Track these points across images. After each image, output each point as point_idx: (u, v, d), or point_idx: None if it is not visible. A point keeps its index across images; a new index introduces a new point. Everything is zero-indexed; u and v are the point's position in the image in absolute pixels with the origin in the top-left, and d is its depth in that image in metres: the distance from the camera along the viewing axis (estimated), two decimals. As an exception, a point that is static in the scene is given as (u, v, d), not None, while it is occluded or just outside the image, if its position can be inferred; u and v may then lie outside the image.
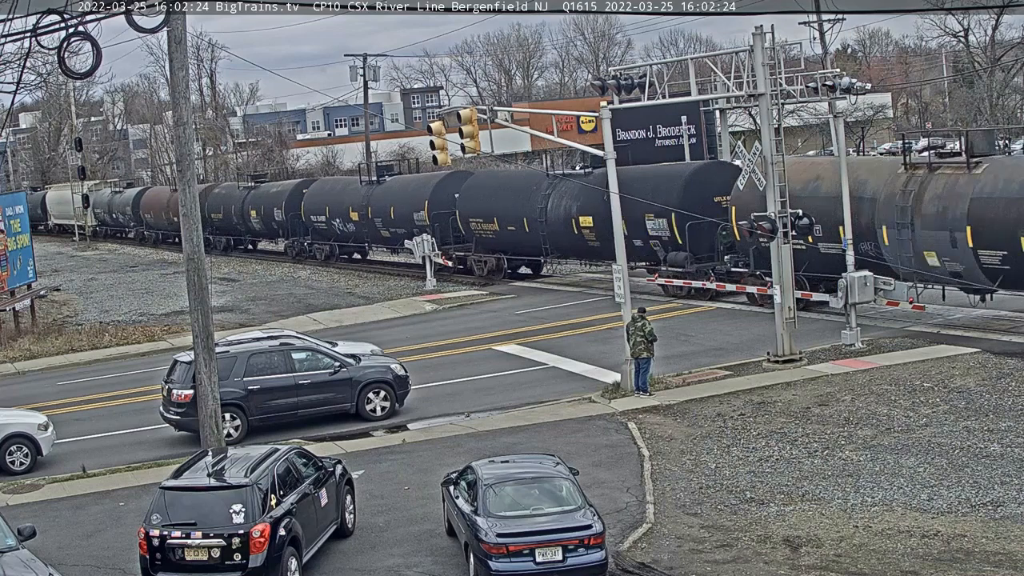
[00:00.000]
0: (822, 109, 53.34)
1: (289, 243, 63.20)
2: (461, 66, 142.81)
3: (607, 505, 18.66)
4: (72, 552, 19.03)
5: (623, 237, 27.91)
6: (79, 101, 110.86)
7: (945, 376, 25.49)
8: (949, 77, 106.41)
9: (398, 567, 17.32)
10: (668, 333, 31.10)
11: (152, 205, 78.18)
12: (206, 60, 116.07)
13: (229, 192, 70.67)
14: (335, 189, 59.82)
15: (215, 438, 20.66)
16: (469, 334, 36.09)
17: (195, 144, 44.95)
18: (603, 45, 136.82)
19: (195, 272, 20.77)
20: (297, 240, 61.92)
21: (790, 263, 28.42)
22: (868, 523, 17.62)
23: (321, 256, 60.27)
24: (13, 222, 42.58)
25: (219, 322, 35.27)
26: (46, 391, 32.82)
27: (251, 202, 66.09)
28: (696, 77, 29.44)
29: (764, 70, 27.72)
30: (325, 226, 58.75)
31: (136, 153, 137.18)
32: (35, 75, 51.17)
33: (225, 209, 68.88)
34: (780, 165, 28.01)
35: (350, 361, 26.85)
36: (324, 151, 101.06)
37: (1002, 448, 20.53)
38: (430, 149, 29.12)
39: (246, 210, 66.35)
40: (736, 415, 23.99)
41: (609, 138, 27.62)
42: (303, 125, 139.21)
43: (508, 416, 25.67)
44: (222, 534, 15.91)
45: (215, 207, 69.25)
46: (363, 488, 20.52)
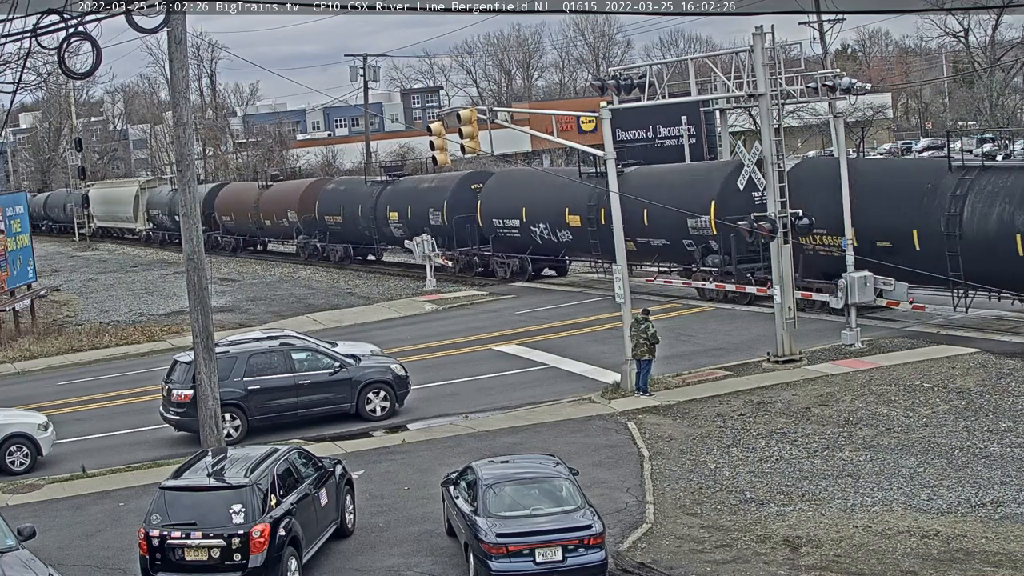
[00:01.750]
0: (822, 109, 53.31)
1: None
2: (461, 66, 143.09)
3: (607, 505, 18.66)
4: (72, 552, 19.02)
5: (623, 237, 27.91)
6: (79, 101, 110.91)
7: (945, 376, 25.49)
8: (949, 77, 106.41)
9: (398, 567, 17.32)
10: (668, 333, 31.07)
11: (232, 205, 69.50)
12: (206, 60, 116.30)
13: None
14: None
15: (215, 438, 20.66)
16: (469, 334, 36.09)
17: (195, 144, 45.00)
18: (603, 45, 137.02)
19: (195, 272, 20.79)
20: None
21: (790, 263, 28.41)
22: (868, 523, 17.62)
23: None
24: (13, 222, 42.60)
25: (219, 322, 35.27)
26: (46, 391, 32.82)
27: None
28: (696, 77, 29.44)
29: (764, 70, 27.72)
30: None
31: (136, 153, 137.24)
32: (35, 75, 51.21)
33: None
34: (780, 165, 28.02)
35: (350, 361, 26.85)
36: (324, 151, 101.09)
37: (1002, 448, 20.53)
38: (430, 149, 29.12)
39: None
40: (736, 415, 23.99)
41: (609, 138, 27.63)
42: (303, 125, 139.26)
43: (508, 416, 25.66)
44: (222, 534, 15.91)
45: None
46: (363, 488, 20.52)
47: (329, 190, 59.75)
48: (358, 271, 56.02)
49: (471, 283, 47.44)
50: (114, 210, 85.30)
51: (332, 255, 59.64)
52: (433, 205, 49.66)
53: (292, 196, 61.93)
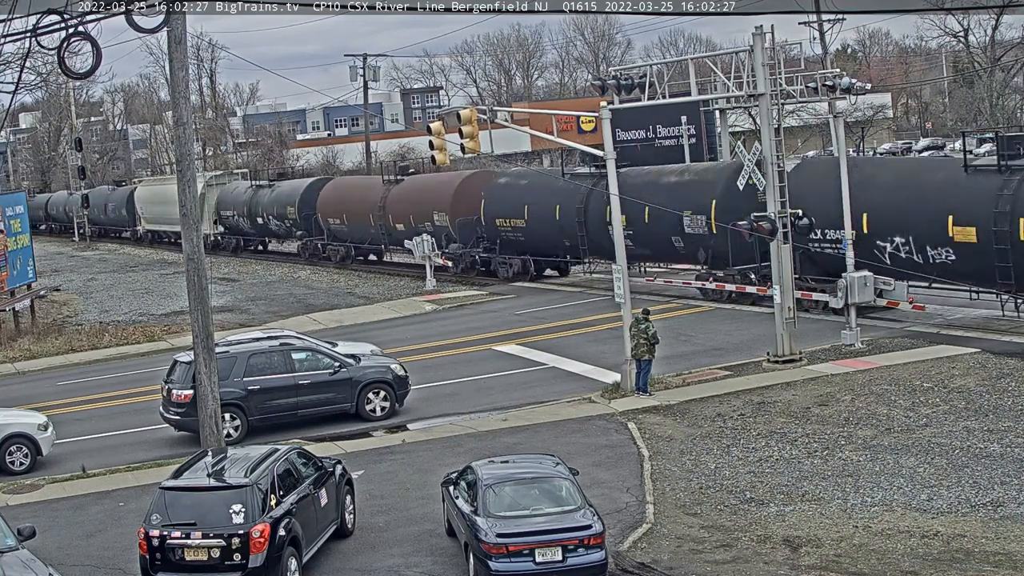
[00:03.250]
0: (822, 109, 53.34)
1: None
2: (461, 66, 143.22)
3: (607, 505, 18.65)
4: (72, 552, 19.02)
5: (623, 237, 27.91)
6: (79, 101, 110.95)
7: (945, 376, 25.49)
8: (949, 77, 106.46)
9: (398, 567, 17.32)
10: (668, 333, 31.06)
11: (342, 204, 56.74)
12: (206, 60, 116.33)
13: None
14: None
15: (215, 438, 20.66)
16: (469, 334, 36.09)
17: (195, 144, 45.03)
18: (603, 45, 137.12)
19: (195, 272, 20.78)
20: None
21: (790, 263, 28.40)
22: (868, 523, 17.62)
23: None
24: (13, 222, 42.62)
25: (219, 322, 35.28)
26: (46, 391, 32.82)
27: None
28: (696, 77, 29.43)
29: (764, 70, 27.72)
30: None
31: (136, 153, 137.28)
32: (35, 75, 51.32)
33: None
34: (780, 165, 28.02)
35: (350, 361, 26.85)
36: (324, 151, 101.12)
37: (1002, 448, 20.53)
38: (429, 149, 29.12)
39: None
40: (736, 415, 23.99)
41: (609, 138, 27.62)
42: (303, 125, 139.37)
43: (508, 416, 25.66)
44: (222, 534, 15.90)
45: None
46: (363, 488, 20.52)
47: (501, 185, 48.08)
48: (358, 271, 55.97)
49: (470, 282, 47.49)
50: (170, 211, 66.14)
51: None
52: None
53: (440, 194, 50.19)
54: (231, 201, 67.11)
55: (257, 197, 63.58)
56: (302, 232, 60.17)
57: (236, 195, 66.55)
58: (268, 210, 62.37)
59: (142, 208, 75.73)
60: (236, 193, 66.66)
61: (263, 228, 64.26)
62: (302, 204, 58.50)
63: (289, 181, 65.48)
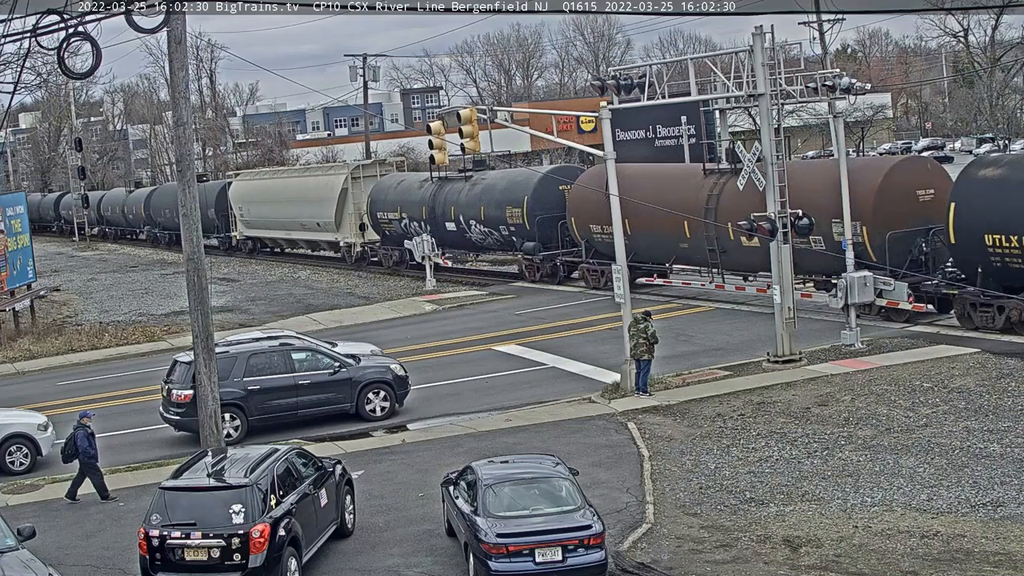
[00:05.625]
0: (822, 109, 53.31)
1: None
2: (461, 66, 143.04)
3: (607, 505, 18.65)
4: (72, 552, 19.02)
5: (623, 237, 27.90)
6: (79, 101, 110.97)
7: (945, 376, 25.49)
8: (949, 77, 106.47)
9: (398, 567, 17.32)
10: (668, 333, 31.08)
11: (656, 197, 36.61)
12: (206, 60, 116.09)
13: None
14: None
15: (215, 438, 20.65)
16: (469, 334, 36.09)
17: (195, 144, 44.97)
18: (603, 45, 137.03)
19: (195, 272, 20.77)
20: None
21: (789, 263, 28.40)
22: (868, 523, 17.61)
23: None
24: (13, 222, 42.64)
25: (219, 322, 35.27)
26: (46, 391, 32.82)
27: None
28: (696, 77, 29.42)
29: (764, 70, 27.71)
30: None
31: (136, 153, 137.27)
32: (35, 75, 51.30)
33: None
34: (780, 165, 28.01)
35: (350, 361, 26.85)
36: (324, 151, 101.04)
37: (1002, 448, 20.53)
38: (429, 149, 29.14)
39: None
40: (736, 415, 23.99)
41: (609, 138, 27.61)
42: (303, 125, 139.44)
43: (508, 416, 25.66)
44: (222, 534, 15.90)
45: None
46: (363, 488, 20.52)
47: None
48: (358, 271, 55.91)
49: (469, 283, 47.47)
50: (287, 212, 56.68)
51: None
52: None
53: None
54: (394, 200, 50.03)
55: (444, 194, 47.21)
56: (535, 244, 41.83)
57: (403, 191, 49.74)
58: (466, 212, 45.89)
59: (241, 208, 60.27)
60: (403, 188, 49.85)
61: (457, 237, 47.22)
62: (533, 204, 40.80)
63: (501, 171, 48.40)
